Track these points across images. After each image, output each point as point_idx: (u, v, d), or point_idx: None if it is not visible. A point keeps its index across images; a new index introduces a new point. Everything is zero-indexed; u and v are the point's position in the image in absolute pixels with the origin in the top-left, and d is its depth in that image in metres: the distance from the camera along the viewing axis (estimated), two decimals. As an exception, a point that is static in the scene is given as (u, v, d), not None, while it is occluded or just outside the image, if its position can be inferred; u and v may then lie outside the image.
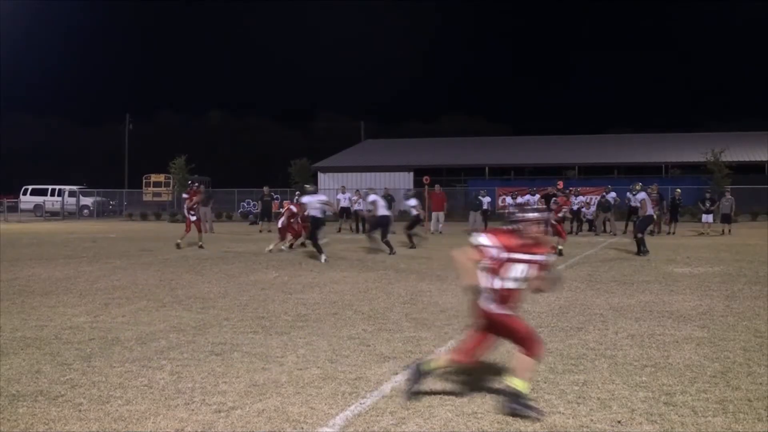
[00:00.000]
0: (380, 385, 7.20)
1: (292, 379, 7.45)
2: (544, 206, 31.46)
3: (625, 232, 31.87)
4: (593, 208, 35.15)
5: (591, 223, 34.41)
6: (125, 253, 22.84)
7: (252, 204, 50.63)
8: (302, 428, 5.97)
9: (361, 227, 34.20)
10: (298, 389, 7.07)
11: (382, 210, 23.37)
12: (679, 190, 34.43)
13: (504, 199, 46.91)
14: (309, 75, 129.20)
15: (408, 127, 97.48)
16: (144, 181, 68.03)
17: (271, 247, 23.36)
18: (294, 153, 65.13)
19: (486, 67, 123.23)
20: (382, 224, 23.09)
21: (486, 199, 35.48)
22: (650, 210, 22.69)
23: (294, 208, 24.58)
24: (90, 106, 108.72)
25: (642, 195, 23.24)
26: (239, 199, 56.42)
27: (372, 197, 24.68)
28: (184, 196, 28.13)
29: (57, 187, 62.68)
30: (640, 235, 21.84)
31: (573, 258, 20.33)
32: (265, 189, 38.90)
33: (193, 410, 6.43)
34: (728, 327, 10.17)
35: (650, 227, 29.03)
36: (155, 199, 63.64)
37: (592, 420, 6.11)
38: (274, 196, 41.55)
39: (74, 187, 63.03)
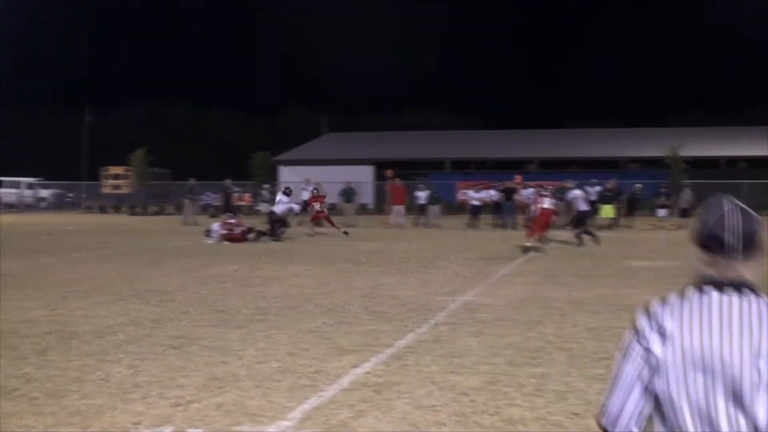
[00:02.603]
0: (339, 378, 7.20)
1: (251, 372, 7.43)
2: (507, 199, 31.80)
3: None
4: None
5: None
6: (84, 245, 22.63)
7: (212, 197, 50.29)
8: (261, 421, 5.95)
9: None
10: (256, 383, 7.05)
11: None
12: (639, 185, 34.68)
13: (465, 192, 46.95)
14: (270, 68, 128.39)
15: (370, 120, 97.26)
16: (103, 173, 67.36)
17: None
18: (255, 146, 64.83)
19: (448, 61, 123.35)
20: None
21: (423, 194, 35.18)
22: (582, 206, 23.47)
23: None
24: (49, 97, 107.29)
25: (573, 194, 23.66)
26: (200, 192, 56.04)
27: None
28: None
29: (14, 178, 61.89)
30: (578, 231, 22.30)
31: (532, 252, 20.43)
32: (227, 182, 38.77)
33: (150, 404, 6.39)
34: (684, 320, 10.26)
35: (607, 222, 29.53)
36: (115, 191, 63.06)
37: (549, 412, 6.15)
38: (235, 189, 41.38)
39: (32, 179, 62.33)
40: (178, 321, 10.21)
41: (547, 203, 22.27)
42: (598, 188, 32.33)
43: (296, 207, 28.65)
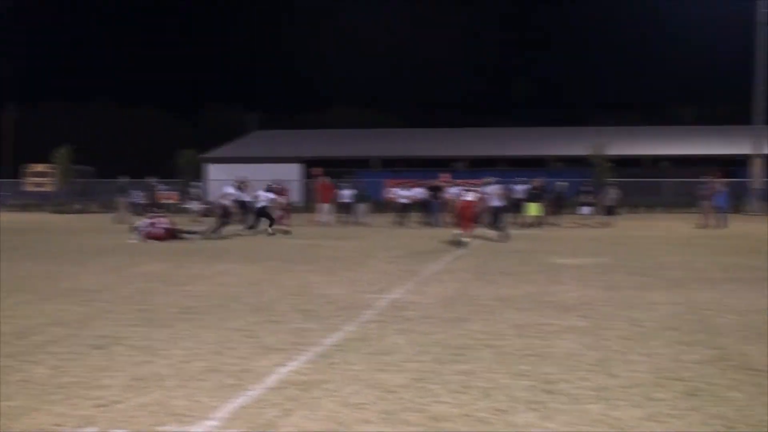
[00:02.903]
0: (266, 377, 7.16)
1: (176, 372, 7.35)
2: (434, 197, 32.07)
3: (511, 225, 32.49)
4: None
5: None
6: (5, 244, 22.17)
7: (137, 195, 49.66)
8: (186, 421, 5.88)
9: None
10: (182, 382, 6.98)
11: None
12: (565, 183, 35.14)
13: (393, 190, 47.02)
14: (198, 65, 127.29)
15: (298, 118, 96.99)
16: (25, 170, 66.07)
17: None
18: (182, 144, 64.27)
19: (376, 59, 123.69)
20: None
21: (348, 192, 35.15)
22: (495, 203, 24.58)
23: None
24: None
25: (487, 189, 24.27)
26: (131, 190, 55.29)
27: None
28: None
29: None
30: (487, 225, 23.08)
31: (461, 249, 20.57)
32: (152, 180, 38.50)
33: (73, 405, 6.28)
34: (608, 317, 10.43)
35: (533, 220, 29.99)
36: (37, 189, 61.92)
37: (475, 409, 6.19)
38: (159, 187, 41.02)
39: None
40: (103, 320, 10.05)
41: (470, 196, 22.83)
42: (524, 186, 32.72)
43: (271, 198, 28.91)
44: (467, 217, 22.33)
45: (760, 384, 6.90)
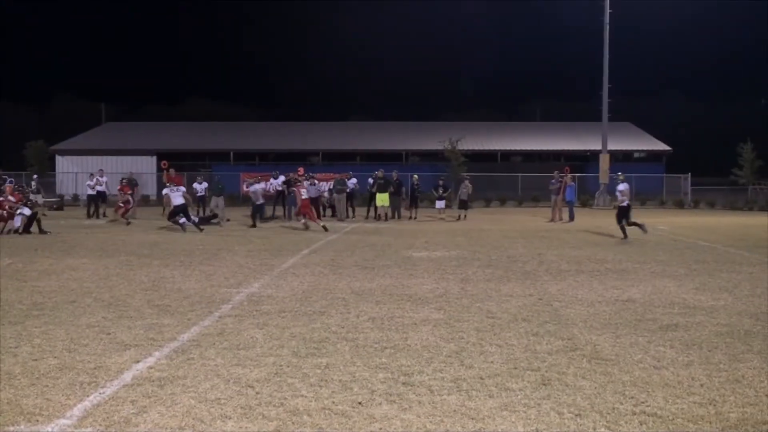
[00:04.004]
0: (121, 373, 7.04)
1: (27, 370, 7.15)
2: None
3: (366, 217, 32.75)
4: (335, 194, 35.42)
5: (333, 208, 34.74)
6: None
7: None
8: (38, 421, 5.74)
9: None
10: (32, 380, 6.79)
11: None
12: (416, 176, 35.45)
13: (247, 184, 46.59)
14: (46, 54, 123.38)
15: (151, 110, 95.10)
16: None
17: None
18: (29, 135, 62.16)
19: (229, 51, 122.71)
20: None
21: (201, 186, 34.73)
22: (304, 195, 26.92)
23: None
24: None
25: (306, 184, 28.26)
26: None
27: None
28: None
29: None
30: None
31: (317, 243, 20.61)
32: None
33: None
34: (463, 309, 10.66)
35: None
36: None
37: (333, 402, 6.24)
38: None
39: None
40: (-54, 318, 9.68)
41: (304, 193, 26.77)
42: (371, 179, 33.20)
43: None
44: (306, 208, 25.99)
45: (609, 372, 7.19)
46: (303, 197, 26.31)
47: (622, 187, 22.99)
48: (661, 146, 62.58)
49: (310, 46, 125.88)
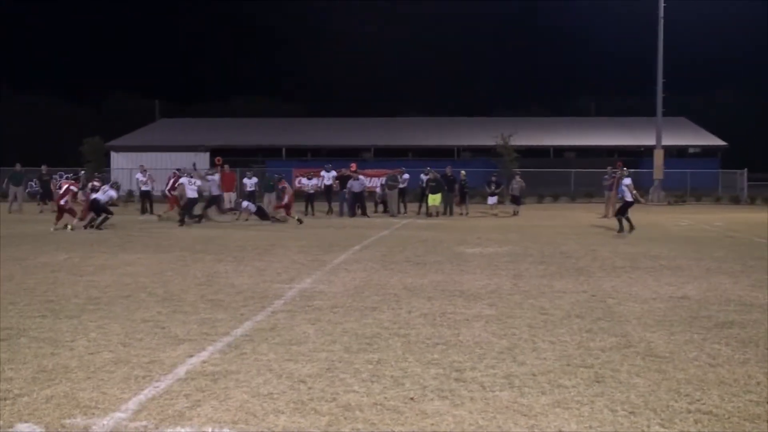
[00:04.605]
0: (175, 368, 7.10)
1: (83, 363, 7.25)
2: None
3: (418, 213, 32.75)
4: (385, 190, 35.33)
5: (385, 204, 34.75)
6: None
7: (35, 184, 48.53)
8: (93, 414, 5.81)
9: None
10: (88, 374, 6.88)
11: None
12: (464, 173, 35.25)
13: (300, 180, 46.81)
14: (101, 51, 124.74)
15: (204, 107, 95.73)
16: None
17: (57, 226, 22.93)
18: (86, 131, 62.87)
19: (276, 49, 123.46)
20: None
21: (250, 181, 34.89)
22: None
23: (74, 188, 24.27)
24: None
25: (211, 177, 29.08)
26: (27, 178, 54.01)
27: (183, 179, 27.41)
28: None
29: None
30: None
31: (368, 239, 20.64)
32: (43, 168, 37.87)
33: (-25, 399, 6.15)
34: (515, 305, 10.61)
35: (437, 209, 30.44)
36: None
37: (385, 397, 6.24)
38: (53, 176, 40.28)
39: None
40: (6, 312, 9.83)
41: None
42: (426, 176, 33.00)
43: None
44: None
45: (663, 370, 7.11)
46: (291, 194, 28.08)
47: (627, 181, 23.05)
48: (717, 141, 61.52)
49: (362, 43, 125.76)
